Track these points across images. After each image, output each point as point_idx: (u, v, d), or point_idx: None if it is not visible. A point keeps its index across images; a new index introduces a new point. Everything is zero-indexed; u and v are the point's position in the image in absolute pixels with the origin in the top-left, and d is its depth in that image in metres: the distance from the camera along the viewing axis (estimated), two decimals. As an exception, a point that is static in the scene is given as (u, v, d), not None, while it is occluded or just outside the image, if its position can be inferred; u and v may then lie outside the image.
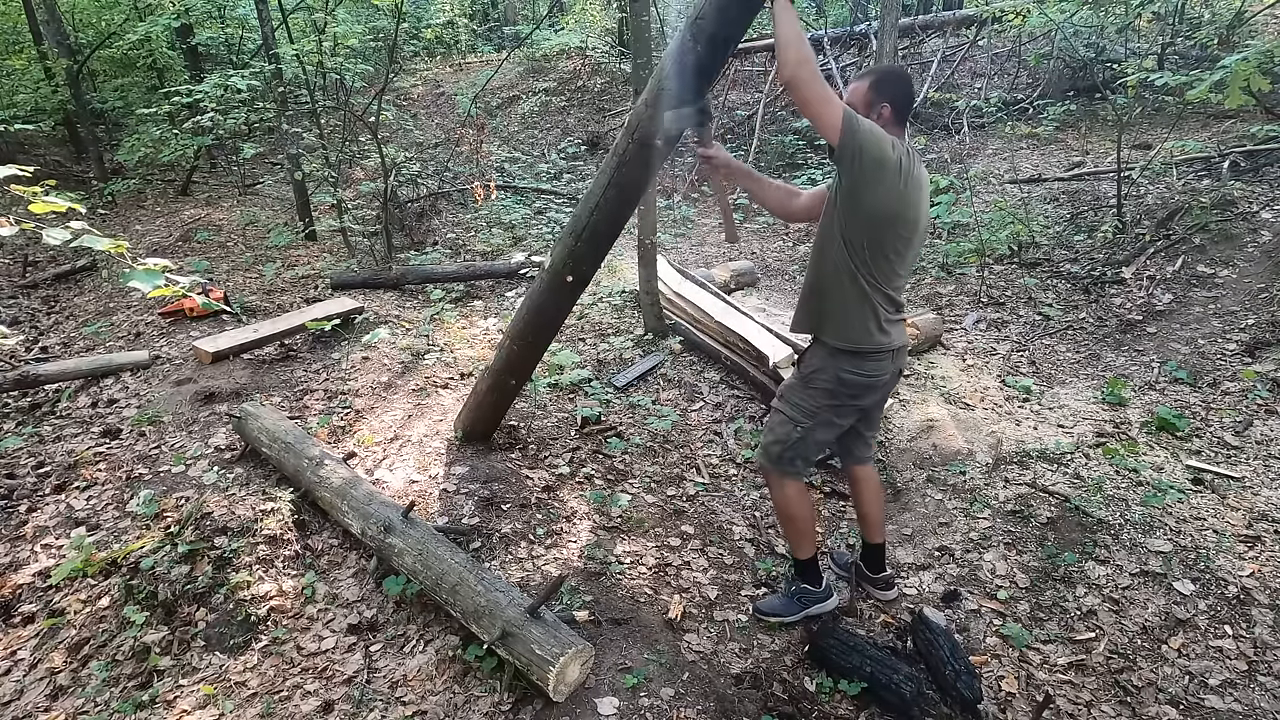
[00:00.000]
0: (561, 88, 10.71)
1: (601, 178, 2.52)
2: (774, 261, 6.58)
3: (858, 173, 2.06)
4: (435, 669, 2.33)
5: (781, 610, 2.62)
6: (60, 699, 2.33)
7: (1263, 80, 3.92)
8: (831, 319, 2.27)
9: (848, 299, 2.22)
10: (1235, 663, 2.42)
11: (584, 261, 2.72)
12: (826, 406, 2.36)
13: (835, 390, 2.32)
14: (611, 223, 2.62)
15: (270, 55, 6.36)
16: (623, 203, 2.56)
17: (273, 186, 8.83)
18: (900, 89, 2.22)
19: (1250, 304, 4.42)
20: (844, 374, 2.29)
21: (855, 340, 2.25)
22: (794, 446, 2.41)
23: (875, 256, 2.17)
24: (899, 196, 2.10)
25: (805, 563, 2.61)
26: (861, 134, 2.02)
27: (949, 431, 3.59)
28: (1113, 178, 5.87)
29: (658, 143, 2.33)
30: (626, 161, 2.42)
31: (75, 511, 3.12)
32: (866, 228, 2.14)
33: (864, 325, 2.24)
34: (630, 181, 2.48)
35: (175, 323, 5.01)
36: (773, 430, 2.46)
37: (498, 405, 3.27)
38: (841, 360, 2.28)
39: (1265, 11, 7.60)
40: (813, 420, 2.37)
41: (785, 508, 2.53)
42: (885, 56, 5.81)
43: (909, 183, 2.11)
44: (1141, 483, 3.19)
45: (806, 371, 2.37)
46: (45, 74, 9.05)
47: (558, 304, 2.89)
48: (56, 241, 1.92)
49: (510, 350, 3.05)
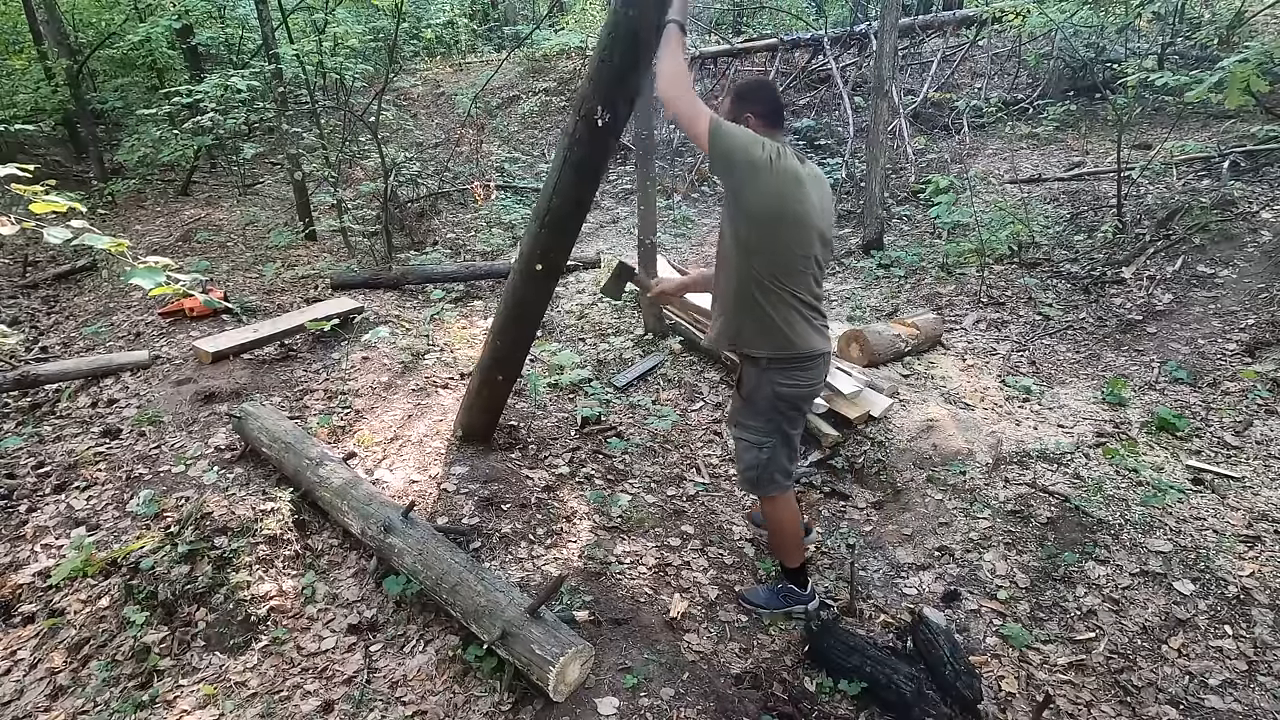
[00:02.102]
0: (561, 88, 10.70)
1: (556, 161, 2.57)
2: (774, 261, 6.57)
3: (735, 175, 2.11)
4: (435, 669, 2.33)
5: (764, 602, 2.66)
6: (60, 699, 2.33)
7: (1261, 82, 3.92)
8: (750, 331, 2.27)
9: (761, 307, 2.21)
10: (1235, 663, 2.42)
11: (551, 249, 2.75)
12: (778, 419, 2.37)
13: (776, 405, 2.33)
14: (572, 205, 2.65)
15: (270, 55, 6.36)
16: (580, 184, 2.59)
17: (273, 186, 8.83)
18: (760, 95, 2.27)
19: (1250, 304, 4.42)
20: (779, 388, 2.29)
21: (779, 347, 2.25)
22: (767, 466, 2.43)
23: (776, 259, 2.17)
24: (777, 194, 2.11)
25: (794, 571, 2.65)
26: (727, 137, 2.06)
27: (949, 431, 3.59)
28: (1113, 178, 5.87)
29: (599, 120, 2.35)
30: (577, 140, 2.46)
31: (75, 511, 3.12)
32: (758, 230, 2.15)
33: (783, 332, 2.23)
34: (583, 160, 2.51)
35: (175, 323, 5.01)
36: (742, 459, 2.49)
37: (490, 403, 3.26)
38: (772, 374, 2.28)
39: (1265, 12, 7.60)
40: (773, 437, 2.39)
41: (777, 523, 2.57)
42: (885, 56, 5.82)
43: (784, 178, 2.11)
44: (1141, 483, 3.19)
45: (747, 392, 2.38)
46: (45, 74, 9.05)
47: (533, 295, 2.90)
48: (57, 241, 1.92)
49: (495, 345, 3.07)
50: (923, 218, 6.64)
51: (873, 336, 4.26)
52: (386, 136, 7.92)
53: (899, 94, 7.65)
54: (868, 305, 5.48)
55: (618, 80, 2.32)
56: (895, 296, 5.56)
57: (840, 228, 6.99)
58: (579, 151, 2.49)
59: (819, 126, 8.59)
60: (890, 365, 4.33)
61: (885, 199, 6.62)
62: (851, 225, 6.95)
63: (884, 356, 4.31)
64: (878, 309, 5.43)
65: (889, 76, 5.92)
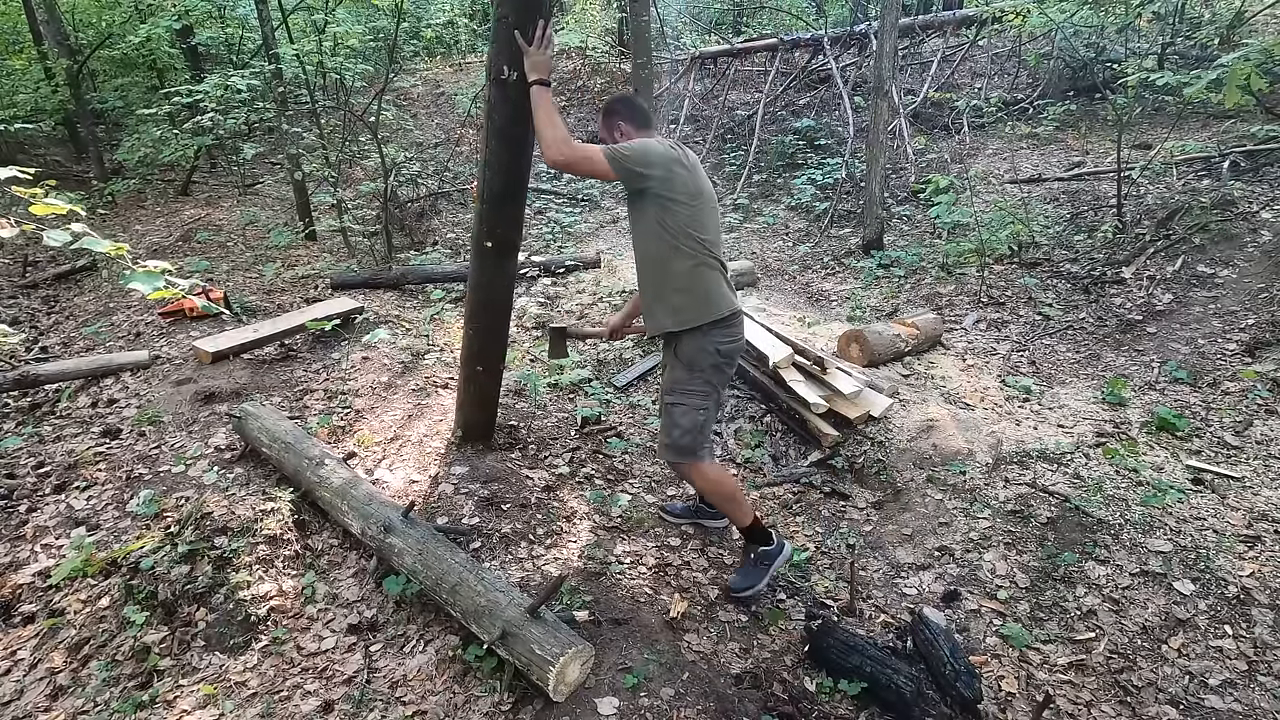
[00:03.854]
0: (561, 88, 10.70)
1: (484, 134, 2.62)
2: (774, 261, 6.58)
3: (653, 178, 2.35)
4: (435, 669, 2.33)
5: (752, 580, 2.67)
6: (60, 699, 2.33)
7: (1260, 80, 3.92)
8: (688, 305, 2.46)
9: (693, 281, 2.44)
10: (1235, 663, 2.42)
11: (497, 224, 2.78)
12: (716, 382, 2.56)
13: (719, 364, 2.53)
14: (505, 176, 2.69)
15: (270, 55, 6.36)
16: (507, 152, 2.64)
17: (273, 186, 8.82)
18: (623, 106, 2.57)
19: (1250, 304, 4.42)
20: (720, 345, 2.50)
21: (717, 308, 2.47)
22: (701, 431, 2.56)
23: (704, 233, 2.45)
24: (691, 175, 2.41)
25: (751, 527, 2.68)
26: (626, 156, 2.33)
27: (949, 431, 3.59)
28: (1113, 178, 5.87)
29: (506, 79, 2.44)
30: (494, 106, 2.55)
31: (75, 511, 3.12)
32: (685, 210, 2.41)
33: (715, 292, 2.47)
34: (504, 127, 2.57)
35: (175, 323, 5.01)
36: (679, 425, 2.55)
37: (479, 398, 3.25)
38: (713, 334, 2.48)
39: (1265, 11, 7.60)
40: (711, 400, 2.57)
41: (717, 487, 2.62)
42: (885, 56, 5.82)
43: (688, 163, 2.42)
44: (1141, 483, 3.19)
45: (687, 360, 2.52)
46: (45, 74, 9.05)
47: (490, 276, 2.92)
48: (57, 243, 1.92)
49: (468, 335, 3.10)
50: (923, 218, 6.65)
51: (873, 336, 4.26)
52: (386, 136, 7.92)
53: (899, 94, 7.65)
54: (868, 305, 5.48)
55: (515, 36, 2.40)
56: (895, 296, 5.56)
57: (840, 228, 7.00)
58: (498, 118, 2.56)
59: (819, 126, 8.59)
60: (890, 365, 4.33)
61: (885, 199, 6.62)
62: (851, 225, 6.95)
63: (884, 356, 4.31)
64: (878, 309, 5.43)
65: (889, 76, 5.92)
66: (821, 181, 7.61)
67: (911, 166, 7.47)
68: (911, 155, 7.56)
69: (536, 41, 2.38)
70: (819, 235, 6.91)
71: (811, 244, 6.76)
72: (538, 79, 2.37)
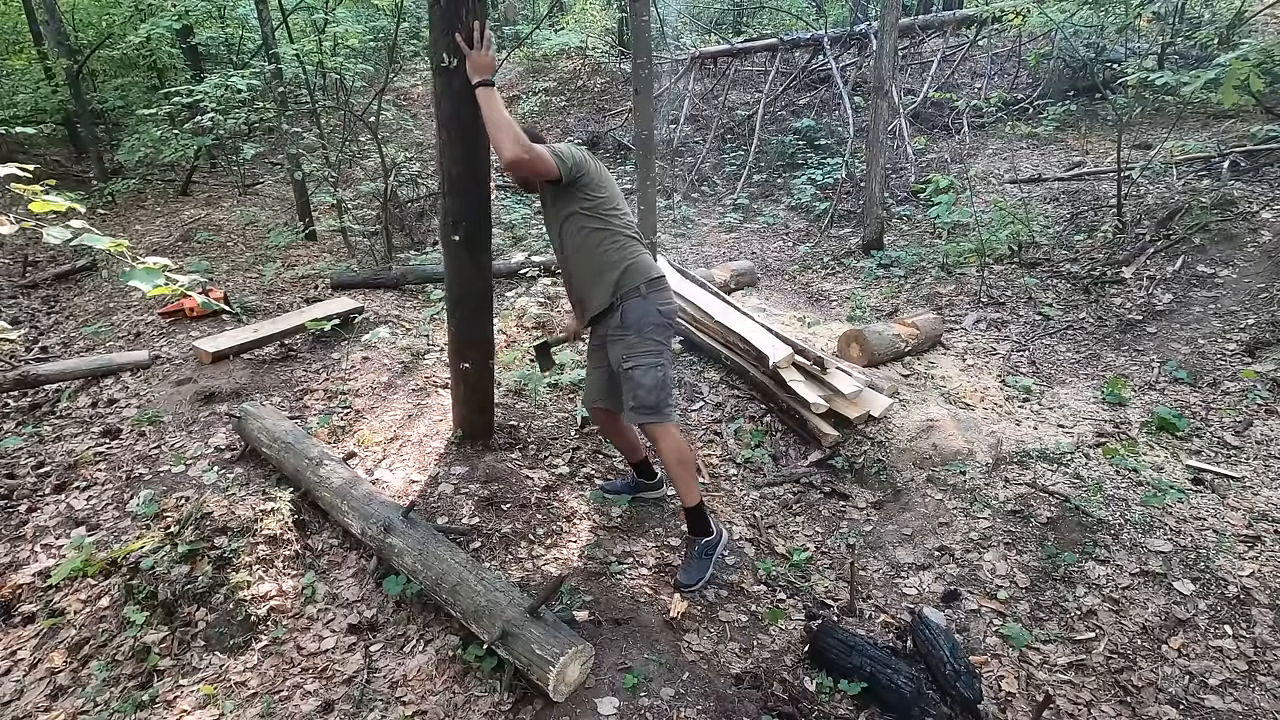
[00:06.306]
0: (561, 88, 10.70)
1: (435, 124, 2.66)
2: (774, 261, 6.58)
3: (587, 173, 2.57)
4: (435, 669, 2.33)
5: (699, 574, 2.69)
6: (60, 699, 2.33)
7: (1259, 80, 3.91)
8: (623, 272, 2.62)
9: (622, 251, 2.64)
10: (1235, 663, 2.42)
11: (461, 215, 2.81)
12: (663, 339, 2.70)
13: (661, 323, 2.68)
14: (462, 166, 2.73)
15: (270, 55, 6.36)
16: (460, 144, 2.67)
17: (273, 186, 8.83)
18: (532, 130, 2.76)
19: (1250, 304, 4.42)
20: (660, 307, 2.67)
21: (648, 271, 2.65)
22: (665, 387, 2.65)
23: (618, 210, 2.67)
24: (600, 166, 2.66)
25: (695, 510, 2.69)
26: (569, 155, 2.53)
27: (949, 431, 3.59)
28: (1113, 178, 5.87)
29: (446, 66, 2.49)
30: (440, 96, 2.61)
31: (75, 511, 3.12)
32: (606, 192, 2.64)
33: (643, 259, 2.67)
34: (452, 116, 2.61)
35: (175, 323, 5.01)
36: (642, 384, 2.61)
37: (471, 395, 3.25)
38: (653, 296, 2.65)
39: (1265, 11, 7.61)
40: (665, 357, 2.69)
41: (678, 452, 2.65)
42: (885, 56, 5.81)
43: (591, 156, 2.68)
44: (1141, 483, 3.19)
45: (635, 324, 2.63)
46: (45, 74, 9.06)
47: (460, 269, 2.95)
48: (57, 241, 1.92)
49: (450, 332, 3.12)
50: (923, 218, 6.65)
51: (872, 336, 4.26)
52: (386, 136, 7.92)
53: (899, 94, 7.65)
54: (868, 305, 5.48)
55: (450, 21, 2.43)
56: (895, 296, 5.56)
57: (840, 228, 7.00)
58: (446, 108, 2.59)
59: (819, 126, 8.59)
60: (890, 365, 4.33)
61: (885, 199, 6.62)
62: (851, 225, 6.96)
63: (884, 356, 4.31)
64: (878, 309, 5.43)
65: (889, 76, 5.92)
66: (821, 181, 7.61)
67: (911, 166, 7.47)
68: (911, 155, 7.56)
69: (475, 42, 2.41)
70: (819, 235, 6.91)
71: (811, 244, 6.76)
72: (480, 80, 2.41)
